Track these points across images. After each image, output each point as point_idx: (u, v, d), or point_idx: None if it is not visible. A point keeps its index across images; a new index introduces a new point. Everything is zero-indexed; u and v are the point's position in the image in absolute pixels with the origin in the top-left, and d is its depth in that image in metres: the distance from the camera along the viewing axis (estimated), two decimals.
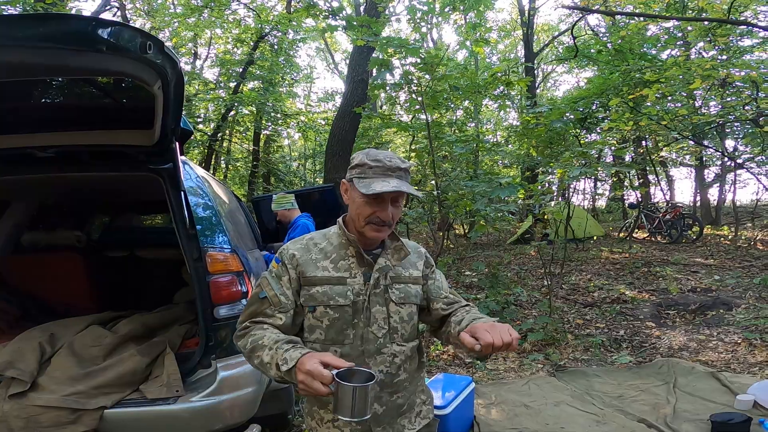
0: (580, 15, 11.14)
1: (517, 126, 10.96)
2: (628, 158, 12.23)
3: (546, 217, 8.41)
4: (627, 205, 12.89)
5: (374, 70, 5.54)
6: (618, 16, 10.12)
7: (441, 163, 7.24)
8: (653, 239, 10.22)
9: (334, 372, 1.01)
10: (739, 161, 10.66)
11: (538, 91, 18.53)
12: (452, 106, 7.49)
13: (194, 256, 2.38)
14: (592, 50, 11.92)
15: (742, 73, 7.21)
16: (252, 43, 11.96)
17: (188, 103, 10.65)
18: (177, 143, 2.28)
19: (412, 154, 7.25)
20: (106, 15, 10.27)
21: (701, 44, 9.86)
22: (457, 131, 8.69)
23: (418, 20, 6.61)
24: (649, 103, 8.22)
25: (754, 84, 7.06)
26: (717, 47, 9.07)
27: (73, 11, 8.65)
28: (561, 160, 5.41)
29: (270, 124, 13.98)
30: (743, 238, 9.32)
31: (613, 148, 9.63)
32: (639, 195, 12.85)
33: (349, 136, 7.98)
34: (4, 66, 1.46)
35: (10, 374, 2.16)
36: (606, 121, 8.43)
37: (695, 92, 8.60)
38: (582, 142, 6.90)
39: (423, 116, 5.46)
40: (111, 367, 2.33)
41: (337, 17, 6.78)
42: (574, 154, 5.48)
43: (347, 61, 10.39)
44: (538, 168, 10.09)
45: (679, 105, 8.91)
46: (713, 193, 14.54)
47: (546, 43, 18.39)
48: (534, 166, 10.52)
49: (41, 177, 2.69)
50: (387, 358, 1.27)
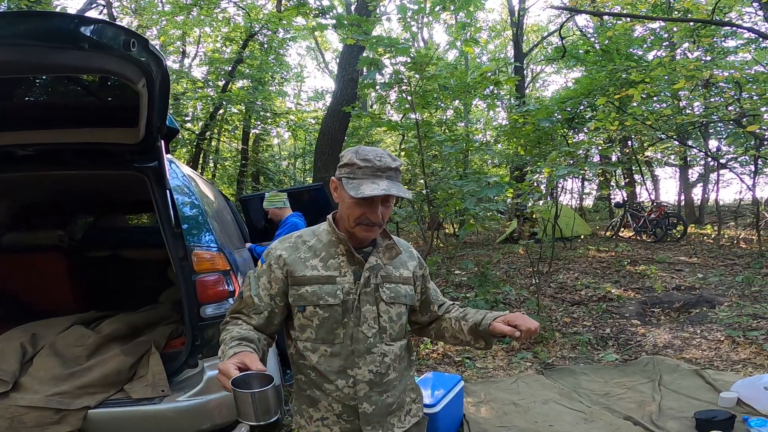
0: (569, 15, 11.27)
1: (505, 125, 11.03)
2: (614, 158, 12.39)
3: (534, 216, 8.49)
4: (613, 204, 13.04)
5: (364, 69, 5.52)
6: (606, 17, 10.25)
7: (430, 162, 7.24)
8: (639, 238, 10.35)
9: (231, 379, 0.99)
10: (723, 161, 10.87)
11: (527, 91, 18.66)
12: (442, 105, 7.50)
13: (180, 255, 2.37)
14: (580, 51, 12.07)
15: (726, 74, 7.34)
16: (241, 42, 11.84)
17: (176, 101, 10.51)
18: (163, 141, 2.26)
19: (402, 154, 7.26)
20: (92, 13, 10.10)
21: (686, 45, 10.04)
22: (446, 131, 8.70)
23: (408, 19, 6.61)
24: (635, 104, 8.34)
25: (737, 84, 7.19)
26: (701, 48, 9.23)
27: (57, 9, 8.48)
28: (548, 160, 5.46)
29: (259, 123, 13.84)
30: (726, 237, 9.50)
31: (599, 147, 9.75)
32: (625, 194, 13.03)
33: (338, 135, 7.96)
34: None
35: None
36: (593, 120, 8.53)
37: (680, 93, 8.73)
38: (570, 141, 6.97)
39: (413, 115, 5.46)
40: (95, 367, 2.31)
41: (328, 16, 6.76)
42: (561, 154, 5.53)
43: (337, 60, 10.35)
44: (526, 167, 10.18)
45: (664, 105, 9.05)
46: (697, 193, 14.82)
47: (535, 43, 18.53)
48: (522, 166, 10.60)
49: (22, 176, 2.64)
50: (377, 358, 1.26)
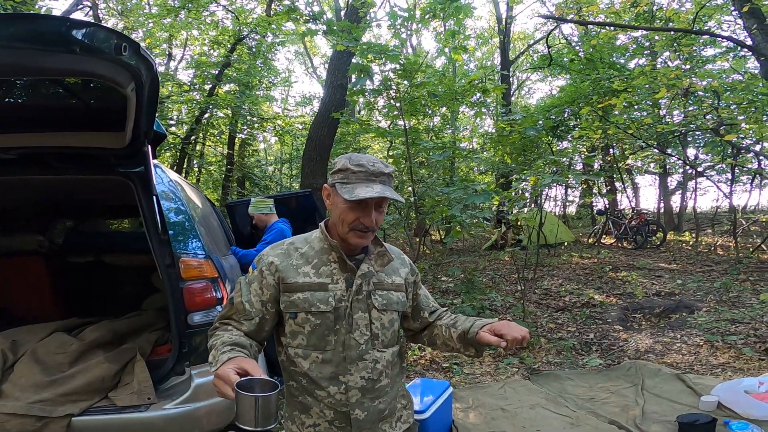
0: (555, 24, 11.50)
1: (492, 133, 11.16)
2: (596, 166, 12.62)
3: (519, 223, 8.58)
4: (595, 211, 13.27)
5: (353, 76, 5.54)
6: (590, 26, 10.49)
7: (418, 169, 7.29)
8: (620, 245, 10.53)
9: (236, 382, 0.98)
10: (700, 169, 11.16)
11: (513, 98, 18.94)
12: (430, 112, 7.57)
13: (167, 262, 2.33)
14: (565, 59, 12.30)
15: (704, 83, 7.55)
16: (229, 46, 11.76)
17: (161, 104, 10.38)
18: (150, 147, 2.23)
19: (390, 160, 7.29)
20: (78, 14, 9.93)
21: (667, 54, 10.31)
22: (434, 138, 8.77)
23: (398, 26, 6.66)
24: (617, 112, 8.53)
25: (715, 93, 7.39)
26: (681, 57, 9.49)
27: (42, 11, 8.32)
28: (534, 168, 5.54)
29: (246, 127, 13.76)
30: (704, 243, 9.74)
31: (583, 155, 9.93)
32: (606, 202, 13.27)
33: (326, 141, 7.95)
34: None
35: None
36: (576, 129, 8.69)
37: (660, 101, 8.96)
38: (554, 149, 7.08)
39: (401, 122, 5.50)
40: (78, 374, 2.26)
41: (318, 22, 6.78)
42: (546, 162, 5.62)
43: (326, 66, 10.36)
44: (511, 175, 10.30)
45: (645, 114, 9.27)
46: (676, 200, 15.20)
47: (522, 51, 18.79)
48: (508, 173, 10.73)
49: (2, 180, 2.57)
50: (369, 364, 1.27)
